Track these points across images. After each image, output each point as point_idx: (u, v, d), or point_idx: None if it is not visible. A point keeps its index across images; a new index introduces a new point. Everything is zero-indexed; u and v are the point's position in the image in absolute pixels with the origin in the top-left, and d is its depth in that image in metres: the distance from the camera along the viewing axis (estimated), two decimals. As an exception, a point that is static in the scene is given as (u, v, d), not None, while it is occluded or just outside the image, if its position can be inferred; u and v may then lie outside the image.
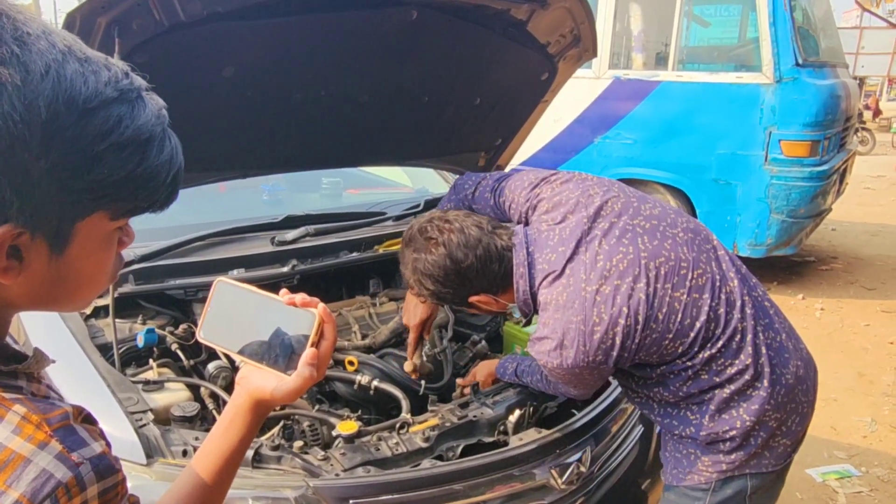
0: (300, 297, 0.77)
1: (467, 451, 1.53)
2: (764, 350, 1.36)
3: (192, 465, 0.78)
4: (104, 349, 1.58)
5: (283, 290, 0.79)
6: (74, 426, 0.59)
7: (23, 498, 0.53)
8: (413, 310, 1.76)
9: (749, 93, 4.84)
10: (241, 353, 0.78)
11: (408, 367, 1.72)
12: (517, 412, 1.61)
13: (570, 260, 1.35)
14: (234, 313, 0.79)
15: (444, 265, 1.41)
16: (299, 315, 0.77)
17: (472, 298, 1.48)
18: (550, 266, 1.36)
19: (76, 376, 1.44)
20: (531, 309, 1.45)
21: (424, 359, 1.83)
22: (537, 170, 1.58)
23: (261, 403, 0.77)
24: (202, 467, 0.78)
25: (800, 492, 2.84)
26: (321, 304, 0.77)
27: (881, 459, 3.12)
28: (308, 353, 0.75)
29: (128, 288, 1.74)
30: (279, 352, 0.76)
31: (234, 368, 1.70)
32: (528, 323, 1.73)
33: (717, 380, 1.34)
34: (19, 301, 0.62)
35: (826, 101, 4.75)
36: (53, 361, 0.67)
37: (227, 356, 1.68)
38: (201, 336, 0.80)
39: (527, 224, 1.51)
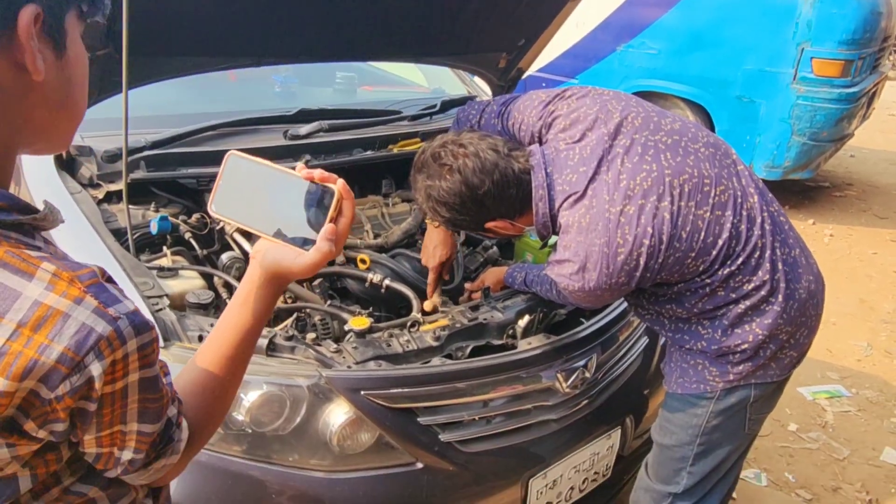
0: (318, 172, 0.76)
1: (476, 353, 1.56)
2: (780, 266, 1.36)
3: (211, 338, 0.79)
4: (117, 234, 1.58)
5: (300, 166, 0.77)
6: (104, 284, 0.60)
7: (67, 351, 0.55)
8: (432, 251, 1.73)
9: (785, 4, 4.57)
10: (256, 227, 0.76)
11: (427, 306, 1.71)
12: (526, 318, 1.62)
13: (591, 180, 1.31)
14: (248, 187, 0.77)
15: (460, 192, 1.37)
16: (317, 190, 0.75)
17: (489, 224, 1.45)
18: (571, 187, 1.33)
19: (91, 258, 1.44)
20: (550, 232, 1.42)
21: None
22: (549, 89, 1.51)
23: (277, 277, 0.77)
24: (222, 340, 0.78)
25: (789, 408, 2.94)
26: (340, 180, 0.76)
27: (872, 382, 3.20)
28: (327, 227, 0.74)
29: (139, 174, 1.72)
30: (296, 227, 0.75)
31: (247, 259, 1.70)
32: (545, 245, 1.70)
33: (734, 296, 1.34)
34: (33, 115, 0.62)
35: (866, 17, 4.51)
36: (63, 221, 0.66)
37: (241, 232, 1.67)
38: (213, 210, 0.78)
39: (541, 143, 1.45)
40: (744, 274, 1.33)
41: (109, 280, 0.62)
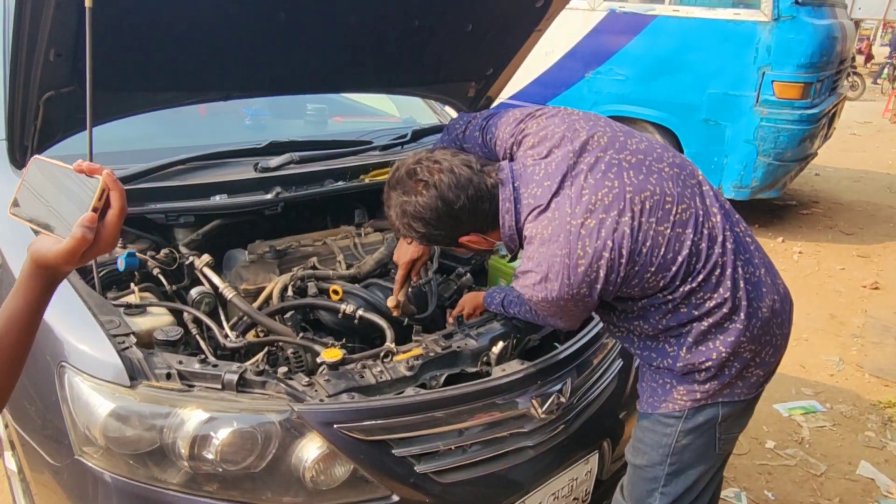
0: (86, 164, 0.79)
1: (450, 381, 1.55)
2: (742, 284, 1.38)
3: None
4: (84, 272, 1.56)
5: (78, 161, 0.81)
6: None
7: None
8: (405, 248, 1.74)
9: (745, 31, 4.73)
10: (32, 221, 0.80)
11: (391, 302, 1.72)
12: (500, 344, 1.62)
13: (555, 194, 1.33)
14: (44, 188, 0.81)
15: (436, 207, 1.39)
16: (89, 182, 0.79)
17: (463, 239, 1.47)
18: (536, 200, 1.35)
19: (56, 297, 1.41)
20: (517, 244, 1.44)
21: (409, 297, 1.83)
22: (525, 108, 1.55)
23: (40, 266, 0.80)
24: None
25: (766, 425, 2.96)
26: (106, 170, 0.79)
27: (845, 396, 3.25)
28: (85, 216, 0.78)
29: (106, 211, 1.70)
30: (63, 217, 0.79)
31: (218, 294, 1.68)
32: (514, 258, 1.73)
33: (696, 313, 1.36)
34: None
35: (822, 41, 4.68)
36: None
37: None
38: (10, 212, 0.81)
39: (512, 160, 1.48)
40: (704, 291, 1.35)
41: None
